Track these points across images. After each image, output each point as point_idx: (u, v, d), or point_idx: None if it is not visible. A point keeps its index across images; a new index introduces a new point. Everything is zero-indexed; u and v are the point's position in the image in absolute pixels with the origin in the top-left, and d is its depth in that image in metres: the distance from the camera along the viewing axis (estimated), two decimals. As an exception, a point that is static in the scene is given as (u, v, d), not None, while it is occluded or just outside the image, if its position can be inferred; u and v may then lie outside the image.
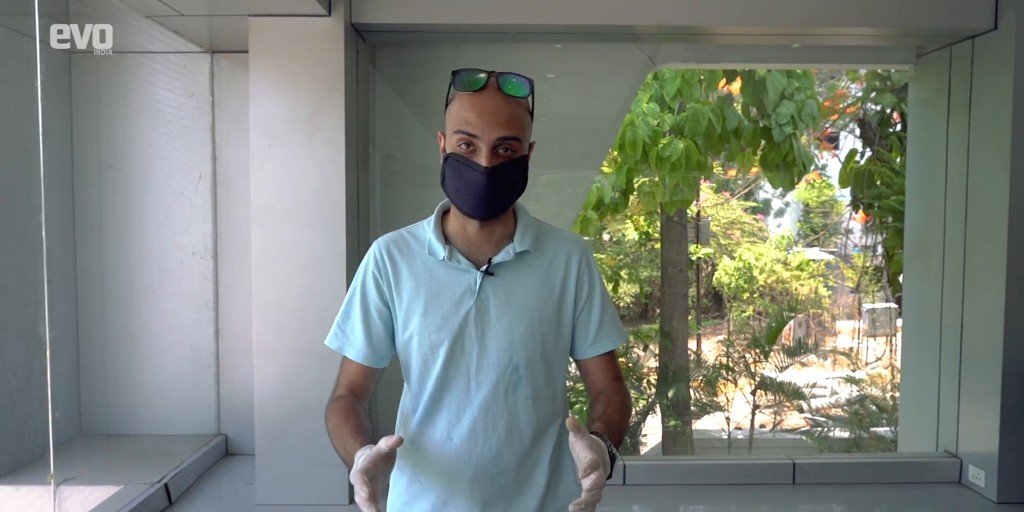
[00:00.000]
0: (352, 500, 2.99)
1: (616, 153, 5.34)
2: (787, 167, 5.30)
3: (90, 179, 3.43)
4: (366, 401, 1.25)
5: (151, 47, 3.41)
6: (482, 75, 1.14)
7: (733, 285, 14.33)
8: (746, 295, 14.50)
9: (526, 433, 1.21)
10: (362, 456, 1.00)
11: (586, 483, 0.95)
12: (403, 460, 1.24)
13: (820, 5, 3.07)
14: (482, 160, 1.12)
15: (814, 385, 7.71)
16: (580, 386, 6.21)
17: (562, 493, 1.28)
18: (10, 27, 3.01)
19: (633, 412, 6.98)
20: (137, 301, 3.48)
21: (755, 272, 14.48)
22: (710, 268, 14.68)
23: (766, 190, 18.02)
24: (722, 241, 15.09)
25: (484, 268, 1.20)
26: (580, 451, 0.99)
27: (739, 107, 5.22)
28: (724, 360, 7.29)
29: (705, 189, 13.69)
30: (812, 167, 5.57)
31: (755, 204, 16.48)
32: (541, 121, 3.15)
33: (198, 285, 3.51)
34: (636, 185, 5.58)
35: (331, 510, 2.94)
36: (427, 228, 1.25)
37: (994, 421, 3.03)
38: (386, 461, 0.99)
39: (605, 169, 6.27)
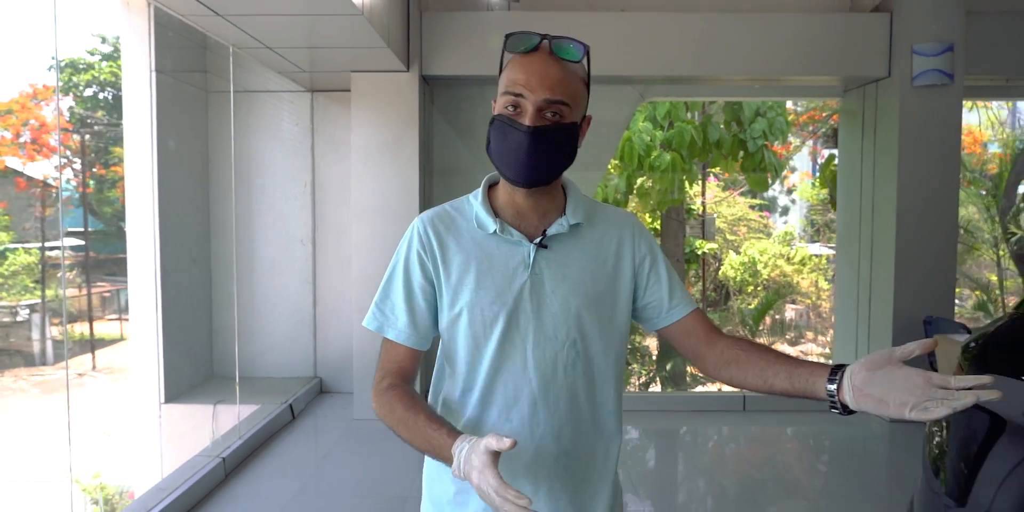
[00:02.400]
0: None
1: (617, 162, 6.63)
2: (762, 171, 6.57)
3: (224, 185, 4.78)
4: (413, 384, 1.23)
5: (268, 87, 4.74)
6: (535, 37, 1.11)
7: (738, 279, 15.48)
8: (750, 288, 15.60)
9: (586, 412, 1.17)
10: (479, 460, 0.95)
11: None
12: None
13: (774, 59, 4.34)
14: (526, 120, 1.08)
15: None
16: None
17: (618, 481, 1.26)
18: (185, 81, 4.37)
19: (639, 381, 8.28)
20: (256, 277, 4.83)
21: (759, 266, 15.60)
22: (716, 263, 15.83)
23: (773, 188, 19.16)
24: (728, 237, 16.23)
25: (539, 240, 1.16)
26: (926, 381, 0.90)
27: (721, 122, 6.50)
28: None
29: (712, 187, 14.84)
30: (783, 171, 6.79)
31: (762, 202, 17.62)
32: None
33: (301, 265, 4.85)
34: (635, 188, 6.85)
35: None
36: (473, 202, 1.20)
37: (888, 362, 4.30)
38: (497, 459, 0.95)
39: (612, 171, 7.55)
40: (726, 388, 4.85)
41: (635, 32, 4.33)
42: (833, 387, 0.96)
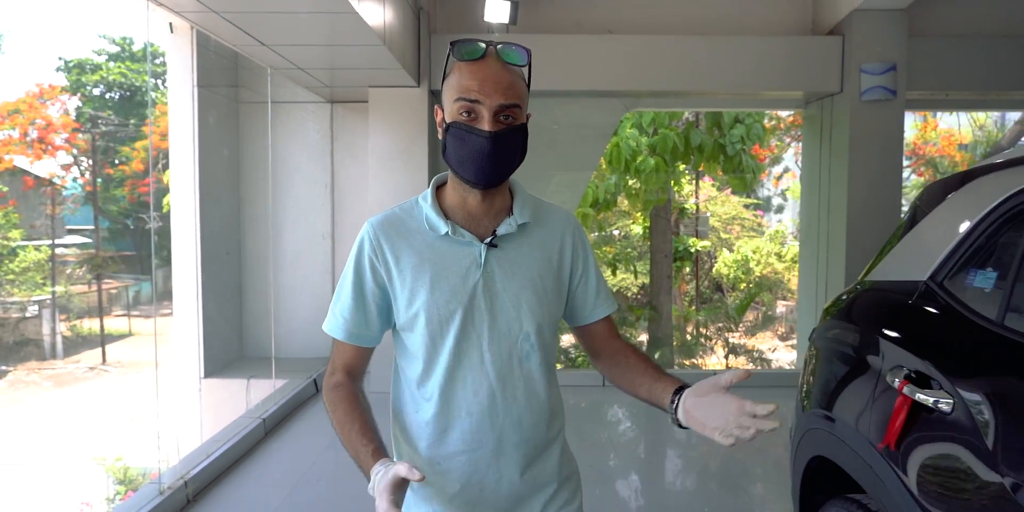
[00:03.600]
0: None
1: (606, 165, 7.31)
2: (741, 173, 7.23)
3: (255, 187, 5.44)
4: (362, 380, 1.29)
5: (294, 99, 5.40)
6: (481, 44, 1.16)
7: (731, 276, 16.12)
8: (743, 285, 16.26)
9: (543, 399, 1.24)
10: (382, 483, 1.00)
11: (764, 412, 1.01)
12: (417, 444, 1.25)
13: (744, 76, 5.00)
14: (485, 125, 1.13)
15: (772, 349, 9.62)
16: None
17: (570, 453, 1.35)
18: (220, 94, 5.03)
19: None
20: (282, 267, 5.50)
21: (752, 264, 16.24)
22: (710, 261, 16.48)
23: (767, 188, 19.84)
24: (723, 235, 16.87)
25: (488, 240, 1.21)
26: (740, 409, 1.02)
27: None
28: (703, 330, 9.22)
29: (706, 187, 15.50)
30: (760, 173, 7.45)
31: (756, 201, 18.25)
32: (550, 138, 5.09)
33: (321, 257, 5.52)
34: (624, 188, 7.54)
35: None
36: (423, 204, 1.25)
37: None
38: (403, 486, 1.01)
39: (606, 171, 8.22)
40: (690, 362, 5.49)
41: (621, 51, 4.99)
42: (673, 406, 1.12)
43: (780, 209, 19.44)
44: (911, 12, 4.82)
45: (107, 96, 22.28)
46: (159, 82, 24.06)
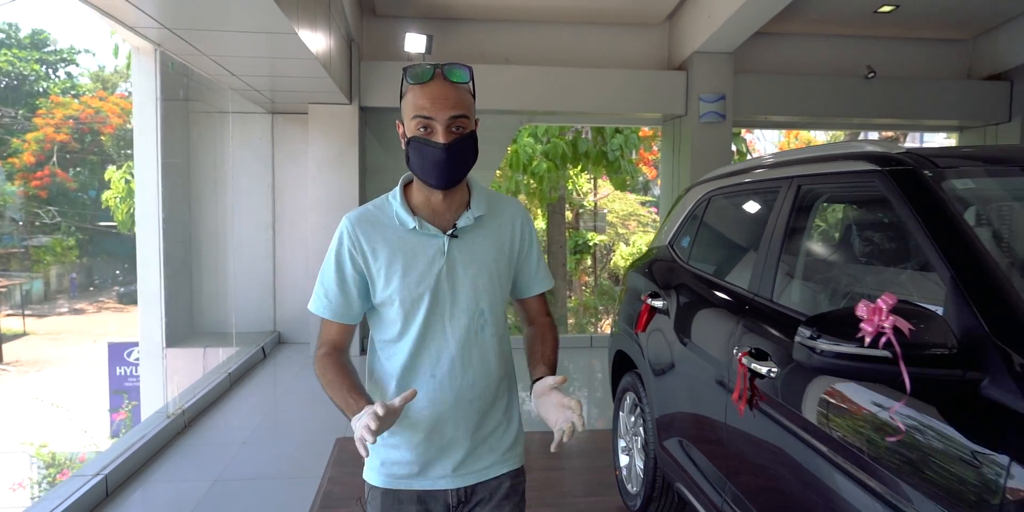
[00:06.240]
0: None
1: (507, 168, 8.76)
2: (621, 175, 8.83)
3: (205, 185, 6.51)
4: (347, 352, 1.51)
5: (240, 109, 6.50)
6: (429, 67, 1.37)
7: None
8: (638, 276, 17.93)
9: (494, 364, 1.51)
10: (367, 413, 1.24)
11: (566, 431, 1.27)
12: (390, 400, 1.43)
13: (614, 99, 6.50)
14: (440, 138, 1.36)
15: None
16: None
17: (515, 404, 1.62)
18: (174, 105, 6.09)
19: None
20: (229, 254, 6.59)
21: (645, 256, 17.97)
22: (609, 254, 18.25)
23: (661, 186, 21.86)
24: (620, 230, 18.69)
25: (450, 232, 1.45)
26: (560, 404, 1.32)
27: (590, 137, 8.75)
28: (599, 314, 10.80)
29: (604, 185, 17.23)
30: (638, 175, 9.10)
31: (651, 198, 20.23)
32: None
33: (263, 246, 6.65)
34: (524, 187, 9.02)
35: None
36: (393, 202, 1.48)
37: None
38: (395, 413, 1.28)
39: (506, 171, 9.65)
40: (580, 333, 6.98)
41: (516, 78, 6.39)
42: (531, 386, 1.45)
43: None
44: (737, 54, 6.48)
45: (-9, 86, 21.82)
46: (51, 71, 23.64)
